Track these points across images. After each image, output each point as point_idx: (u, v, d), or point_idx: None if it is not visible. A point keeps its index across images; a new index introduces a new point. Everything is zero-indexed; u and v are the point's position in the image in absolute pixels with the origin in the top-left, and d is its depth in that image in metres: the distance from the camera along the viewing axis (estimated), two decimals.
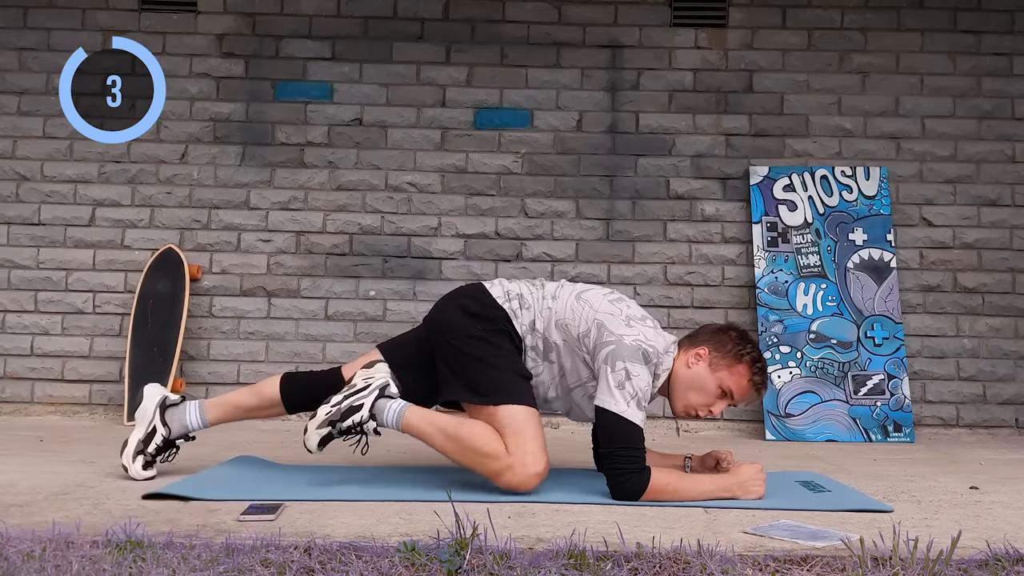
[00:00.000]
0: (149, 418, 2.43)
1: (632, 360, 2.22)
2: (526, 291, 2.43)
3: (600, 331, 2.29)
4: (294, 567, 1.60)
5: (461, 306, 2.41)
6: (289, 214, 4.21)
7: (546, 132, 4.26)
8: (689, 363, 2.33)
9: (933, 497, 2.41)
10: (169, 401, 2.46)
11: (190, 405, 2.47)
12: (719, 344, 2.33)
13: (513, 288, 2.44)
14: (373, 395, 2.30)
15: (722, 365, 2.31)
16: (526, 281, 2.49)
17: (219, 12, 4.28)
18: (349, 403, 2.29)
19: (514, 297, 2.41)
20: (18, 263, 4.16)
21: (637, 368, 2.22)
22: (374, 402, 2.29)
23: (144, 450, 2.39)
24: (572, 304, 2.37)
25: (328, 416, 2.27)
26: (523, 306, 2.40)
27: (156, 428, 2.41)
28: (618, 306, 2.35)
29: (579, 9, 4.30)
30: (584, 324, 2.32)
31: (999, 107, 4.27)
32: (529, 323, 2.38)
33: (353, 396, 2.30)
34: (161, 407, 2.44)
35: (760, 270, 4.12)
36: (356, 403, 2.29)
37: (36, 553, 1.62)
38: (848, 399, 3.93)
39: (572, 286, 2.44)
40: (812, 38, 4.31)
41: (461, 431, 2.27)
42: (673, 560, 1.65)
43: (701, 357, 2.32)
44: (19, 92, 4.24)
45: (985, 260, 4.19)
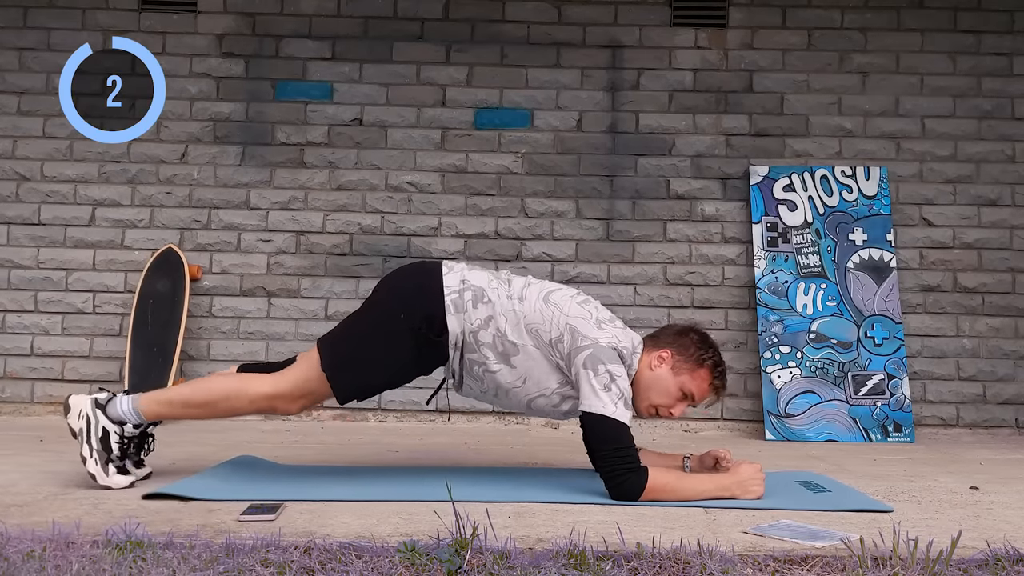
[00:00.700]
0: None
1: (612, 361, 2.23)
2: (489, 285, 2.35)
3: (574, 335, 2.27)
4: (294, 567, 1.60)
5: (399, 286, 2.40)
6: (289, 214, 4.21)
7: (546, 132, 4.26)
8: (652, 365, 2.34)
9: (933, 497, 2.41)
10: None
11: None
12: (682, 348, 2.35)
13: (473, 279, 2.36)
14: (99, 414, 2.28)
15: (684, 369, 2.33)
16: (491, 274, 2.41)
17: (219, 12, 4.28)
18: (97, 440, 2.26)
19: (468, 288, 2.33)
20: (18, 263, 4.16)
21: (618, 368, 2.23)
22: (106, 417, 2.28)
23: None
24: (541, 307, 2.33)
25: (100, 462, 2.25)
26: (479, 300, 2.32)
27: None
28: (587, 308, 2.34)
29: (579, 9, 4.30)
30: (556, 329, 2.30)
31: (999, 107, 4.27)
32: (483, 319, 2.31)
33: (89, 434, 2.26)
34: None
35: (760, 270, 4.12)
36: (100, 434, 2.26)
37: (36, 553, 1.62)
38: (848, 399, 3.93)
39: (538, 285, 2.40)
40: (812, 38, 4.31)
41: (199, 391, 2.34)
42: (673, 560, 1.65)
43: (664, 360, 2.34)
44: (19, 92, 4.24)
45: (985, 260, 4.20)
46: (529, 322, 2.32)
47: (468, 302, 2.32)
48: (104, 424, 2.28)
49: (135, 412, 2.30)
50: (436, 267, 2.40)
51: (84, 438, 2.26)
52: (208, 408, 2.35)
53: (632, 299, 4.16)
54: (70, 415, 2.29)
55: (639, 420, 3.00)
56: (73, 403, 2.30)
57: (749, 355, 4.11)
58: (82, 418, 2.27)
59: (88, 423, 2.27)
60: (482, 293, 2.34)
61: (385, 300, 2.39)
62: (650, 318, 4.13)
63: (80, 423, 2.27)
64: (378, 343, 2.32)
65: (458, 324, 2.31)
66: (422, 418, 4.09)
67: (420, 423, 4.07)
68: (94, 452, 2.25)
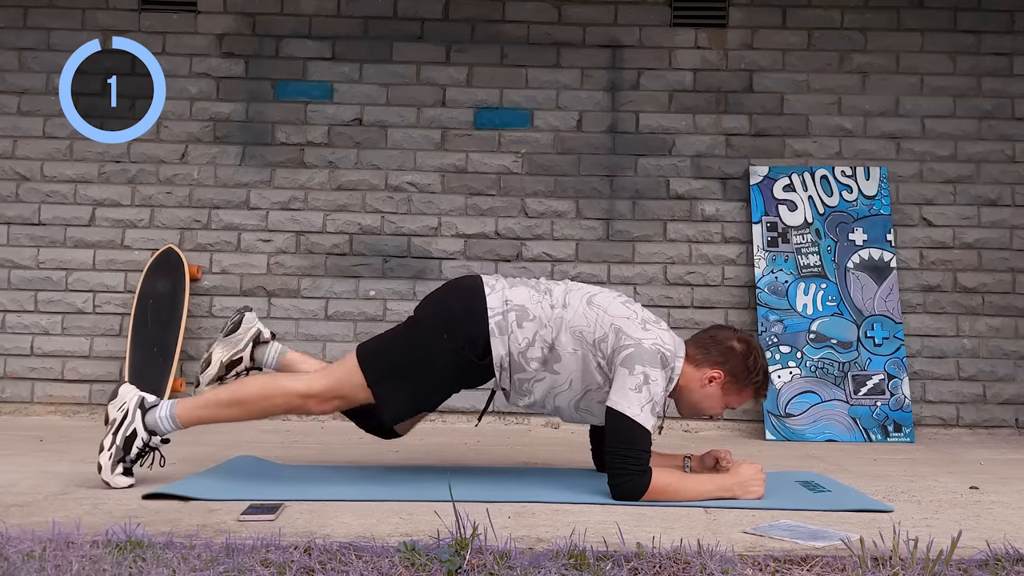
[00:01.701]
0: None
1: (651, 365, 2.22)
2: (530, 302, 2.32)
3: (618, 335, 2.26)
4: (294, 567, 1.60)
5: (445, 305, 2.37)
6: (289, 214, 4.21)
7: (546, 132, 4.26)
8: (703, 383, 2.34)
9: (933, 497, 2.41)
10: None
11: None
12: (733, 369, 2.35)
13: (515, 298, 2.32)
14: (138, 414, 2.29)
15: (733, 391, 2.37)
16: (531, 289, 2.37)
17: (219, 12, 4.28)
18: (122, 434, 2.27)
19: (512, 310, 2.30)
20: (18, 263, 4.16)
21: (656, 373, 2.22)
22: (143, 419, 2.29)
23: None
24: (585, 311, 2.32)
25: (112, 459, 2.26)
26: (523, 319, 2.29)
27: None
28: (631, 308, 2.34)
29: (579, 9, 4.30)
30: (600, 329, 2.29)
31: (999, 107, 4.27)
32: (528, 338, 2.29)
33: (120, 428, 2.27)
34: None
35: (760, 270, 4.12)
36: (128, 432, 2.27)
37: (36, 553, 1.62)
38: (848, 399, 3.93)
39: (579, 290, 2.38)
40: (812, 38, 4.31)
41: (238, 393, 2.33)
42: (673, 560, 1.65)
43: (715, 380, 2.34)
44: (19, 92, 4.24)
45: (985, 260, 4.19)
46: (573, 326, 2.30)
47: (512, 323, 2.30)
48: (136, 426, 2.28)
49: (171, 419, 2.30)
50: (479, 287, 2.36)
51: (112, 429, 2.27)
52: (244, 407, 2.34)
53: (632, 299, 4.15)
54: (113, 402, 2.30)
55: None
56: (121, 392, 2.32)
57: None
58: (121, 410, 2.29)
59: (124, 417, 2.28)
60: (525, 312, 2.31)
61: (428, 319, 2.36)
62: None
63: (118, 414, 2.28)
64: (422, 364, 2.30)
65: (503, 346, 2.29)
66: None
67: (420, 423, 4.07)
68: (113, 446, 2.26)
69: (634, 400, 2.18)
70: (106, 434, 2.28)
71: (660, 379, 2.22)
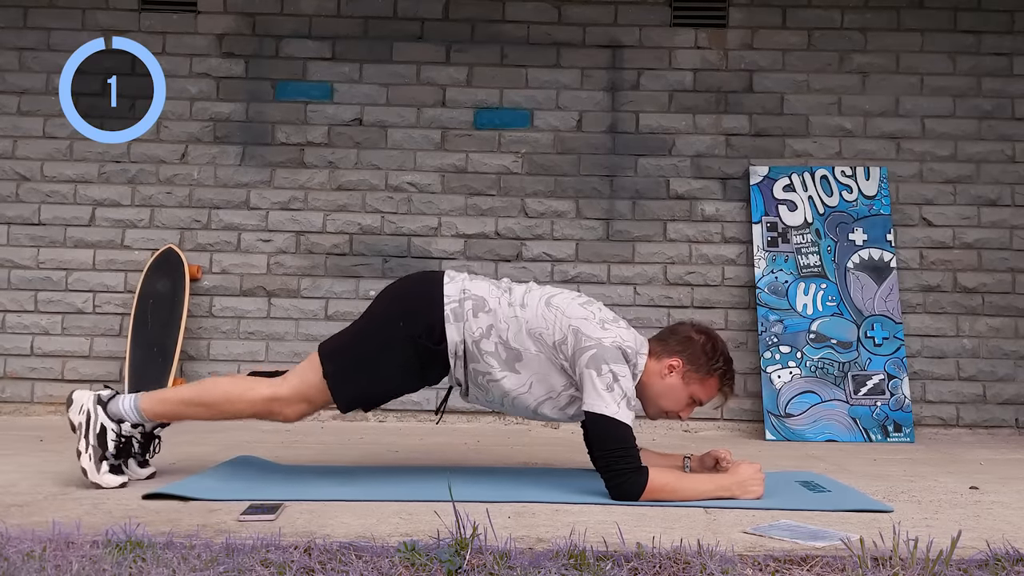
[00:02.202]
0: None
1: (615, 361, 2.23)
2: (489, 295, 2.35)
3: (577, 336, 2.27)
4: (294, 567, 1.60)
5: (402, 294, 2.40)
6: (289, 214, 4.21)
7: (546, 132, 4.26)
8: (663, 374, 2.34)
9: (933, 497, 2.41)
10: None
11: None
12: (692, 356, 2.34)
13: (473, 289, 2.35)
14: (99, 410, 2.29)
15: (694, 379, 2.35)
16: (492, 284, 2.41)
17: (219, 12, 4.28)
18: (93, 434, 2.27)
19: (469, 298, 2.32)
20: (18, 263, 4.16)
21: (622, 369, 2.23)
22: (105, 415, 2.29)
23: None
24: (543, 312, 2.32)
25: (93, 458, 2.26)
26: (480, 309, 2.31)
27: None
28: (589, 309, 2.33)
29: (579, 9, 4.30)
30: (559, 331, 2.29)
31: (999, 107, 4.27)
32: (484, 327, 2.30)
33: (88, 429, 2.27)
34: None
35: (760, 270, 4.12)
36: (98, 429, 2.27)
37: (36, 553, 1.62)
38: (848, 399, 3.93)
39: (540, 291, 2.39)
40: (812, 38, 4.31)
41: (203, 392, 2.34)
42: (673, 560, 1.65)
43: (675, 369, 2.34)
44: (19, 92, 4.24)
45: (985, 260, 4.20)
46: (532, 327, 2.31)
47: (468, 311, 2.31)
48: (103, 420, 2.28)
49: (136, 410, 2.30)
50: (437, 276, 2.40)
51: (82, 432, 2.27)
52: (208, 408, 2.34)
53: (632, 299, 4.16)
54: (71, 409, 2.30)
55: (641, 420, 2.99)
56: (75, 397, 2.31)
57: (749, 355, 4.11)
58: (82, 412, 2.28)
59: (88, 418, 2.27)
60: (483, 302, 2.33)
61: (385, 309, 2.39)
62: (650, 318, 4.13)
63: (80, 417, 2.28)
64: (378, 352, 2.32)
65: (457, 333, 2.31)
66: (422, 418, 4.09)
67: (420, 423, 4.07)
68: (89, 447, 2.26)
69: (609, 399, 2.19)
70: (78, 439, 2.28)
71: (628, 374, 2.24)
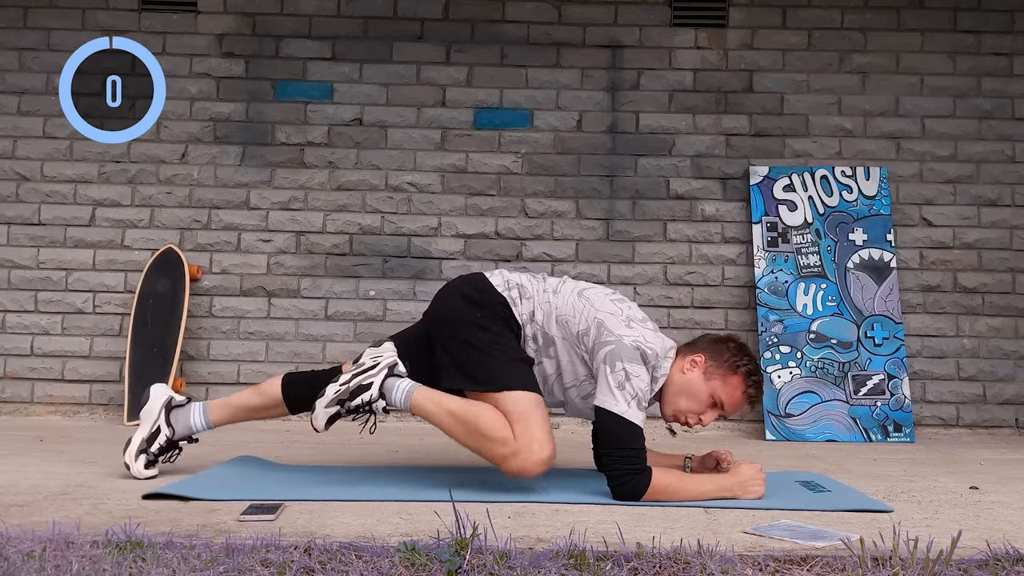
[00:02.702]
0: (154, 418, 2.43)
1: (631, 360, 2.21)
2: (527, 282, 2.42)
3: (600, 330, 2.28)
4: (294, 567, 1.60)
5: (461, 294, 2.40)
6: (289, 214, 4.21)
7: (546, 132, 4.26)
8: (684, 369, 2.32)
9: (933, 497, 2.41)
10: (175, 402, 2.47)
11: (195, 406, 2.48)
12: (716, 353, 2.32)
13: (513, 278, 2.42)
14: (382, 373, 2.30)
15: (716, 375, 2.30)
16: (528, 274, 2.48)
17: (219, 12, 4.28)
18: (358, 382, 2.28)
19: (514, 286, 2.39)
20: (18, 263, 4.16)
21: (636, 368, 2.21)
22: (383, 380, 2.29)
23: (147, 449, 2.40)
24: (574, 301, 2.35)
25: (337, 395, 2.27)
26: (523, 296, 2.38)
27: (160, 428, 2.42)
28: (619, 306, 2.34)
29: (579, 9, 4.30)
30: (584, 322, 2.31)
31: (999, 107, 4.27)
32: (529, 313, 2.37)
33: (362, 375, 2.29)
34: (167, 407, 2.44)
35: (760, 270, 4.12)
36: (365, 382, 2.28)
37: (36, 553, 1.62)
38: (848, 399, 3.93)
39: (575, 283, 2.43)
40: (812, 38, 4.31)
41: (469, 414, 2.24)
42: (673, 560, 1.65)
43: (697, 364, 2.31)
44: (19, 92, 4.24)
45: (985, 260, 4.19)
46: (560, 314, 2.34)
47: (516, 297, 2.38)
48: (375, 382, 2.29)
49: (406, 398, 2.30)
50: (479, 274, 2.46)
51: (356, 370, 2.32)
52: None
53: (632, 299, 4.16)
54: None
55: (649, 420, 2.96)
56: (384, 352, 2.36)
57: None
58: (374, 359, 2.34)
59: (371, 367, 2.32)
60: (524, 290, 2.39)
61: (457, 313, 2.37)
62: (650, 318, 4.13)
63: (368, 361, 2.34)
64: (485, 336, 2.31)
65: (518, 316, 2.36)
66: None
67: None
68: (346, 387, 2.29)
69: (620, 397, 2.18)
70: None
71: (643, 375, 2.22)
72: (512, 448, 2.17)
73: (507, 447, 2.18)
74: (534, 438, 2.17)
